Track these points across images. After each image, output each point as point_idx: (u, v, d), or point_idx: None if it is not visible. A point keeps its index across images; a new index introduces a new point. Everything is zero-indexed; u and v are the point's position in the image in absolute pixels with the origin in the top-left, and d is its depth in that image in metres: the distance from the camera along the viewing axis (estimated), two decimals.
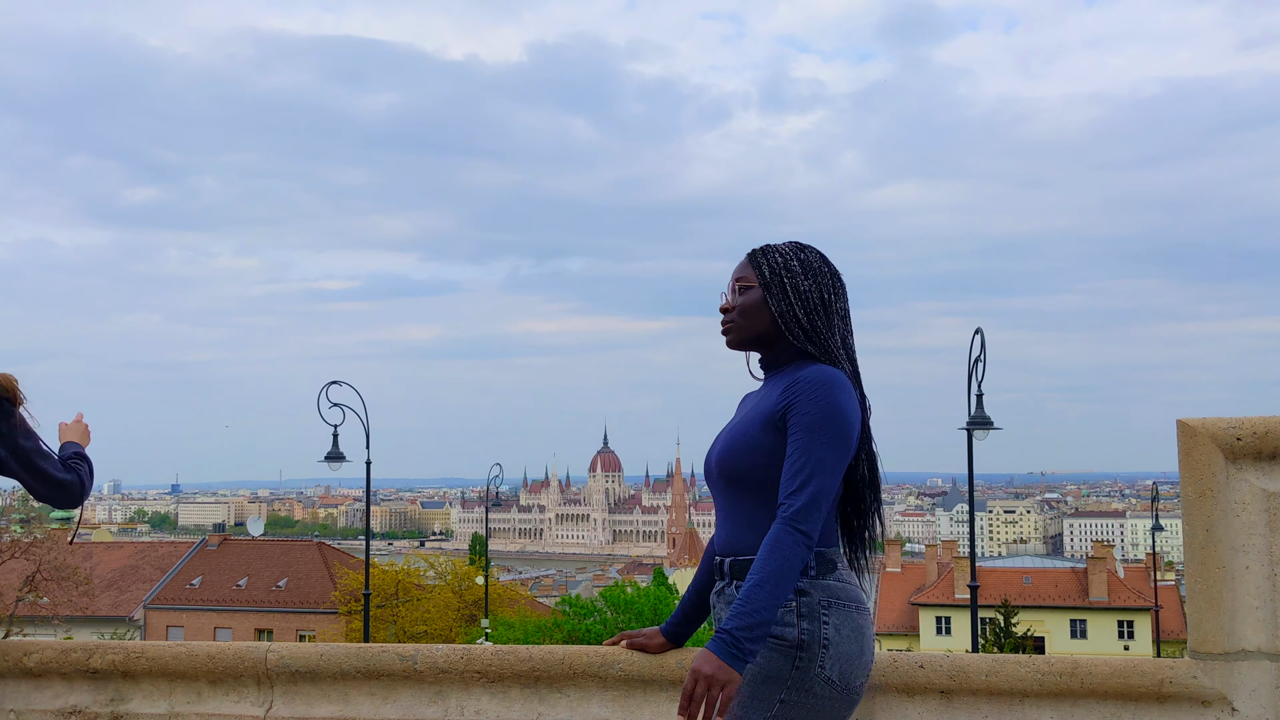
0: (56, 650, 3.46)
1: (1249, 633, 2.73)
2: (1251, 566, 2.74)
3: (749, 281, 2.66)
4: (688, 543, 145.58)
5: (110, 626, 39.62)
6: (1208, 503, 2.77)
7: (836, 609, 2.47)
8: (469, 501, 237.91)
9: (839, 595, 2.49)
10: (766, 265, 2.64)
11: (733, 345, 2.71)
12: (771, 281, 2.62)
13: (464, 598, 40.09)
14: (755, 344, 2.68)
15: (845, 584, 2.52)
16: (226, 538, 55.71)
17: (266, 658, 3.30)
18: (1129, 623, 49.21)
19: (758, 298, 2.63)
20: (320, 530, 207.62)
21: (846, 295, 2.68)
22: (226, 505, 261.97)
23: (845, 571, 2.56)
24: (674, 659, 3.05)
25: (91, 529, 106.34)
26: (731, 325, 2.68)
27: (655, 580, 41.48)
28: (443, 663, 3.19)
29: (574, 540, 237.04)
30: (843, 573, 2.55)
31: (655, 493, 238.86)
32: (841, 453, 2.45)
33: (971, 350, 16.02)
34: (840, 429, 2.44)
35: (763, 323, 2.63)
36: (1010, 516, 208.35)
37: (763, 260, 2.65)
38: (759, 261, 2.66)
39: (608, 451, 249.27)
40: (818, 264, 2.65)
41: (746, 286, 2.66)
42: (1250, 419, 2.75)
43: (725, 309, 2.70)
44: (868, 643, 2.51)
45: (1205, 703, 2.77)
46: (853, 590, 2.53)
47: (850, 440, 2.48)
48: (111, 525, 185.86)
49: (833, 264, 2.68)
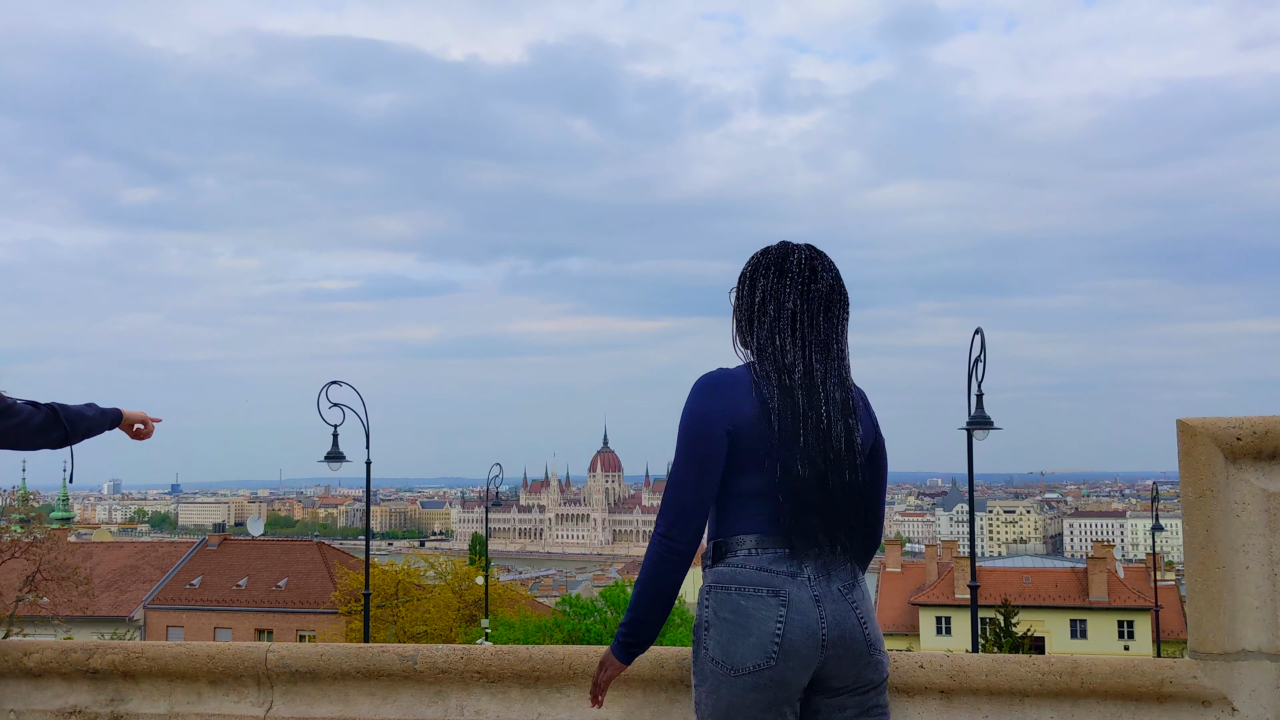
0: (56, 650, 3.46)
1: (1249, 633, 2.73)
2: (1251, 566, 2.74)
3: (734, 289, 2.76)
4: None
5: (110, 626, 39.59)
6: (1208, 503, 2.77)
7: (716, 592, 2.52)
8: (469, 501, 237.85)
9: (723, 579, 2.52)
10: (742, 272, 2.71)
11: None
12: (736, 287, 2.71)
13: (464, 598, 40.04)
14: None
15: (737, 568, 2.50)
16: (226, 538, 55.66)
17: (266, 658, 3.30)
18: (1129, 623, 49.20)
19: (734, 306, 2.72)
20: (320, 530, 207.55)
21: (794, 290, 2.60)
22: (226, 505, 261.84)
23: (750, 556, 2.51)
24: (674, 660, 3.05)
25: (91, 529, 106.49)
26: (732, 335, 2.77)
27: None
28: (443, 663, 3.19)
29: (574, 540, 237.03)
30: (742, 557, 2.51)
31: (655, 492, 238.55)
32: (689, 453, 2.53)
33: (971, 350, 16.00)
34: (685, 432, 2.54)
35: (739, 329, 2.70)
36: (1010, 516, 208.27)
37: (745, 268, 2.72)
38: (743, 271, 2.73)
39: (608, 451, 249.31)
40: (757, 260, 2.66)
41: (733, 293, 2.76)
42: (1250, 419, 2.75)
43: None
44: (755, 623, 2.45)
45: (1205, 703, 2.77)
46: (743, 573, 2.49)
47: (696, 438, 2.52)
48: (111, 525, 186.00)
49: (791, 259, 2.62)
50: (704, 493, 2.54)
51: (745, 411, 2.51)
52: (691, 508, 2.54)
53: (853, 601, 2.53)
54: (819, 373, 2.56)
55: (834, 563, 2.54)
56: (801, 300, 2.59)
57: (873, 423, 2.69)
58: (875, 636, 2.56)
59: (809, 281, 2.61)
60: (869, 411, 2.70)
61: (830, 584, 2.51)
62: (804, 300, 2.60)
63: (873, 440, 2.67)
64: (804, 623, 2.45)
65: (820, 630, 2.46)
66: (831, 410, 2.54)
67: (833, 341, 2.61)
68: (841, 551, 2.55)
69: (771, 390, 2.53)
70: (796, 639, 2.45)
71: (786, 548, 2.50)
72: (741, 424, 2.51)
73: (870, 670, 2.56)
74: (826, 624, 2.47)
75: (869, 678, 2.56)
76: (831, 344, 2.61)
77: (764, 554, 2.51)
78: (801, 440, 2.50)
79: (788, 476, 2.49)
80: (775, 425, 2.49)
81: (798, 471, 2.49)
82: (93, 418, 3.27)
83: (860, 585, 2.59)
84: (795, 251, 2.65)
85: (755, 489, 2.53)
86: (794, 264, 2.62)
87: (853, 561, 2.59)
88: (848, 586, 2.54)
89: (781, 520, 2.51)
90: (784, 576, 2.48)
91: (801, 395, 2.53)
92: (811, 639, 2.46)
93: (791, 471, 2.49)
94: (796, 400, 2.52)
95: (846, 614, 2.50)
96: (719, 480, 2.54)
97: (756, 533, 2.53)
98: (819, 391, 2.55)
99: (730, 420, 2.51)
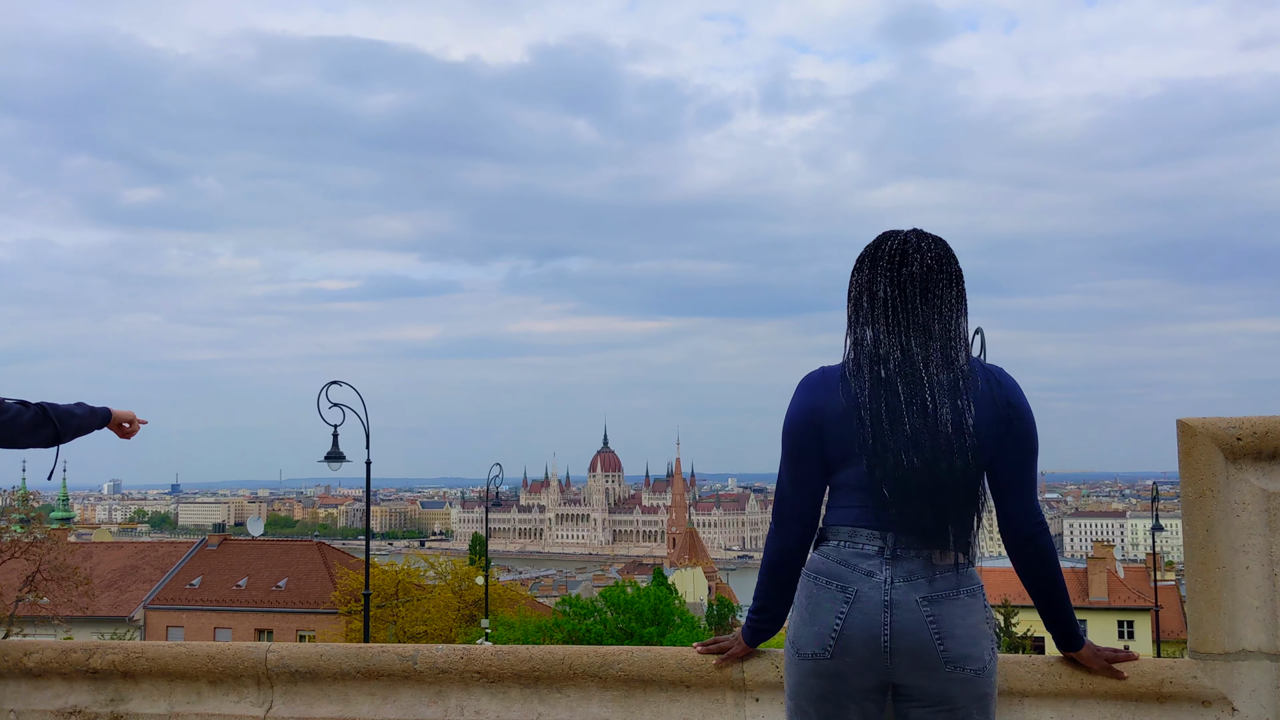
0: (56, 650, 3.46)
1: (1249, 633, 2.73)
2: (1251, 566, 2.74)
3: None
4: (688, 542, 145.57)
5: (110, 626, 39.58)
6: (1208, 503, 2.78)
7: (804, 578, 2.57)
8: (469, 501, 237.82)
9: (811, 566, 2.56)
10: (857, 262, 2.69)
11: None
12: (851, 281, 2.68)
13: (464, 598, 40.05)
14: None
15: (824, 558, 2.53)
16: (226, 538, 55.72)
17: (266, 658, 3.30)
18: (1129, 623, 49.23)
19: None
20: (320, 530, 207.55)
21: (884, 278, 2.54)
22: (226, 505, 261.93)
23: (838, 547, 2.51)
24: (674, 659, 3.05)
25: (91, 529, 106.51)
26: None
27: (655, 580, 41.46)
28: (443, 663, 3.19)
29: (574, 540, 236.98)
30: (831, 548, 2.52)
31: (655, 493, 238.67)
32: (784, 450, 2.61)
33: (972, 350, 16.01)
34: (783, 430, 2.62)
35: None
36: None
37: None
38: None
39: (608, 451, 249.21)
40: (857, 257, 2.63)
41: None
42: (1250, 419, 2.75)
43: None
44: (820, 613, 2.46)
45: (1205, 703, 2.77)
46: (825, 564, 2.51)
47: (788, 436, 2.60)
48: (111, 525, 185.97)
49: (884, 247, 2.57)
50: (803, 488, 2.61)
51: (833, 407, 2.52)
52: (792, 503, 2.63)
53: (931, 615, 2.42)
54: (919, 357, 2.48)
55: (929, 568, 2.45)
56: (893, 287, 2.53)
57: (1005, 399, 2.53)
58: (958, 654, 2.42)
59: (899, 266, 2.53)
60: (999, 388, 2.54)
61: (912, 592, 2.43)
62: (895, 286, 2.53)
63: (1005, 417, 2.52)
64: (865, 624, 2.43)
65: (884, 637, 2.41)
66: (937, 394, 2.45)
67: (934, 323, 2.51)
68: (953, 541, 2.47)
69: (862, 383, 2.49)
70: (854, 637, 2.43)
71: (878, 544, 2.47)
72: (829, 420, 2.52)
73: (955, 687, 2.43)
74: (892, 632, 2.41)
75: (954, 694, 2.44)
76: (933, 326, 2.51)
77: (850, 547, 2.50)
78: (908, 427, 2.44)
79: (883, 468, 2.45)
80: (866, 419, 2.47)
81: (900, 462, 2.44)
82: (82, 416, 3.29)
83: (953, 598, 2.45)
84: (889, 239, 2.59)
85: (850, 482, 2.53)
86: (885, 252, 2.57)
87: (963, 554, 2.49)
88: (934, 597, 2.44)
89: (879, 513, 2.47)
90: (860, 574, 2.46)
91: (901, 384, 2.47)
92: (873, 642, 2.42)
93: (888, 463, 2.45)
94: (895, 389, 2.47)
95: (920, 627, 2.41)
96: (818, 474, 2.59)
97: (850, 525, 2.52)
98: (921, 376, 2.46)
99: (819, 416, 2.54)
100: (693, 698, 3.04)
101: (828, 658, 2.45)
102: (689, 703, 3.04)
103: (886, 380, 2.48)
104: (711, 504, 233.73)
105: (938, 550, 2.47)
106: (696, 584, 71.76)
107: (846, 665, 2.44)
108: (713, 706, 3.03)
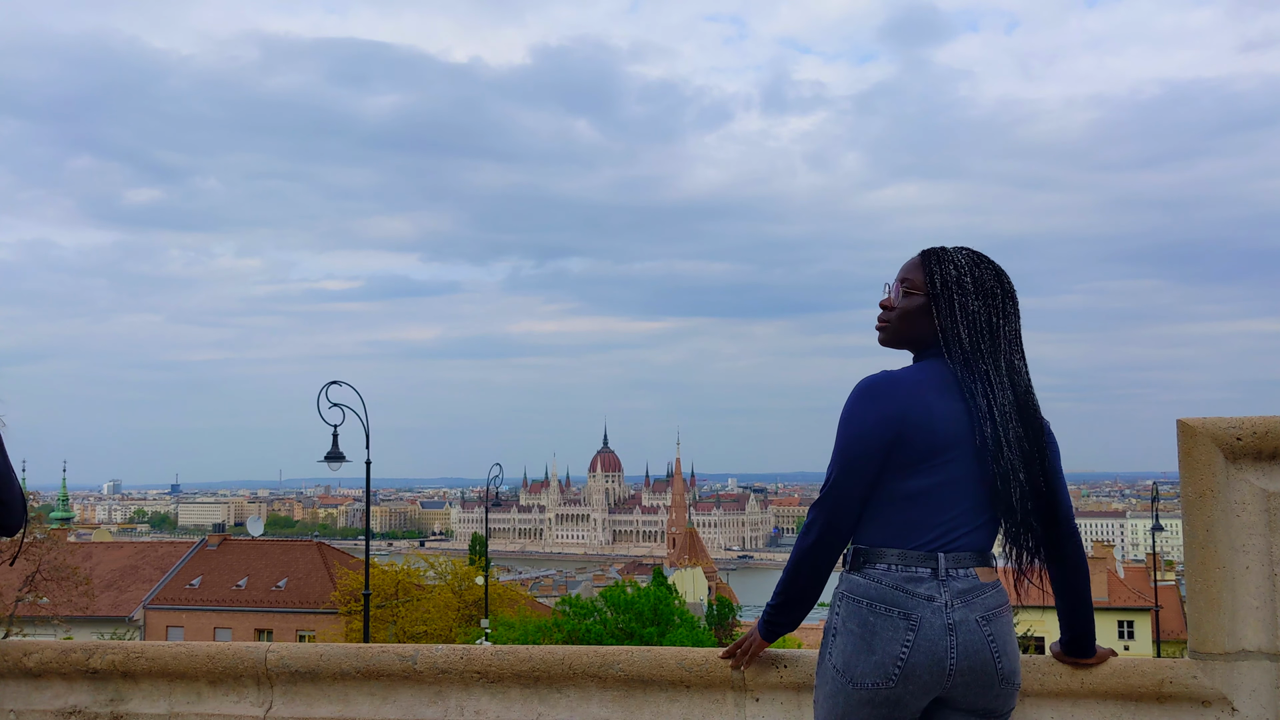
0: (56, 650, 3.46)
1: (1249, 633, 2.73)
2: (1251, 566, 2.74)
3: (916, 287, 2.60)
4: (688, 543, 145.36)
5: (110, 626, 39.57)
6: (1208, 503, 2.78)
7: (848, 602, 2.48)
8: (469, 501, 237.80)
9: (857, 590, 2.47)
10: (939, 275, 2.57)
11: (884, 344, 2.68)
12: (941, 294, 2.56)
13: (464, 598, 40.02)
14: (908, 347, 2.65)
15: (873, 582, 2.45)
16: (226, 538, 55.62)
17: (266, 658, 3.30)
18: (1129, 623, 49.20)
19: (921, 305, 2.58)
20: (320, 530, 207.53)
21: (1018, 315, 2.59)
22: (226, 505, 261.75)
23: (888, 571, 2.46)
24: (674, 659, 3.05)
25: (91, 529, 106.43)
26: (887, 326, 2.65)
27: (655, 580, 41.39)
28: (442, 663, 3.19)
29: (574, 540, 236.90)
30: (880, 571, 2.46)
31: (655, 493, 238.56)
32: (843, 456, 2.50)
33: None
34: (841, 434, 2.52)
35: (920, 330, 2.59)
36: None
37: (936, 269, 2.59)
38: (932, 269, 2.59)
39: (608, 451, 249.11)
40: (991, 283, 2.57)
41: (912, 291, 2.60)
42: (1250, 419, 2.75)
43: (886, 305, 2.65)
44: (880, 642, 2.41)
45: (1205, 703, 2.77)
46: (877, 589, 2.44)
47: (849, 443, 2.49)
48: (111, 525, 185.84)
49: (1008, 282, 2.60)
50: (856, 494, 2.50)
51: (912, 415, 2.46)
52: (848, 508, 2.51)
53: (990, 634, 2.44)
54: (990, 371, 2.51)
55: (978, 587, 2.46)
56: (979, 300, 2.54)
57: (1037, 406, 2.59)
58: (1010, 670, 2.47)
59: (984, 283, 2.56)
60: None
61: (971, 610, 2.43)
62: (981, 300, 2.54)
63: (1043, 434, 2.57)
64: (931, 650, 2.40)
65: (949, 661, 2.40)
66: (1007, 411, 2.48)
67: (1001, 339, 2.54)
68: (1026, 555, 2.51)
69: (943, 392, 2.49)
70: (920, 666, 2.40)
71: (930, 565, 2.44)
72: (906, 427, 2.45)
73: (998, 701, 2.49)
74: (957, 654, 2.41)
75: (998, 706, 2.50)
76: (1000, 341, 2.54)
77: (903, 571, 2.45)
78: (991, 434, 2.45)
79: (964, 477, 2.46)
80: (987, 429, 2.45)
81: (977, 473, 2.46)
82: None
83: (1000, 615, 2.48)
84: (962, 255, 2.60)
85: (910, 492, 2.47)
86: (1008, 285, 2.59)
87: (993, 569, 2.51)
88: (990, 616, 2.45)
89: (932, 530, 2.45)
90: (919, 600, 2.42)
91: (981, 394, 2.48)
92: (938, 667, 2.40)
93: (969, 473, 2.46)
94: (976, 400, 2.48)
95: (982, 647, 2.42)
96: (869, 485, 2.50)
97: (899, 546, 2.46)
98: (993, 390, 2.49)
99: (891, 426, 2.46)
100: (693, 698, 3.05)
101: (891, 688, 2.41)
102: (689, 703, 3.04)
103: (966, 392, 2.49)
104: (711, 504, 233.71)
105: (983, 568, 2.49)
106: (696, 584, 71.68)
107: (908, 693, 2.42)
108: (713, 706, 3.03)
